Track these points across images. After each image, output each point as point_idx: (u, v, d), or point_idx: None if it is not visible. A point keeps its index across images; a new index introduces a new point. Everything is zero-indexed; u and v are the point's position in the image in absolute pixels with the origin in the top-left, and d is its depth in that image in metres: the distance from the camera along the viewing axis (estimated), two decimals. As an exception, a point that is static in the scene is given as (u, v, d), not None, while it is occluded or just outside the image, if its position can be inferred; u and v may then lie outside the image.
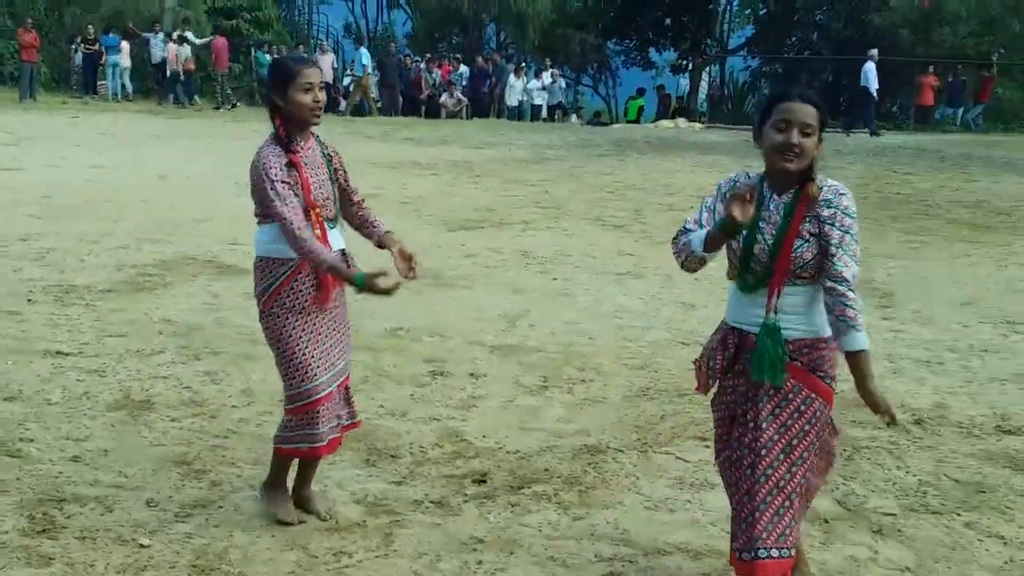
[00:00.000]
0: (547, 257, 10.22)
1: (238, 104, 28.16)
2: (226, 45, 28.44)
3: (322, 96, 4.05)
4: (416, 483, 4.81)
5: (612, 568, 4.07)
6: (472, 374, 6.49)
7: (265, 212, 4.03)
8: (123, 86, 28.32)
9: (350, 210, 4.35)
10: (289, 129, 4.06)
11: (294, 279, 4.06)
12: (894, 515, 4.65)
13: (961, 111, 29.11)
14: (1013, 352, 7.36)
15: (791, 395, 3.50)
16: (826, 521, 4.54)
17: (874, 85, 24.76)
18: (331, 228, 4.14)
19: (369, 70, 28.38)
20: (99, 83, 28.47)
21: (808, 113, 3.32)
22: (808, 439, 3.49)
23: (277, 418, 5.53)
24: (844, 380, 6.47)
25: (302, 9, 43.99)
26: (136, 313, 7.58)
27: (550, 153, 19.43)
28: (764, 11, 38.54)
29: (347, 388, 4.39)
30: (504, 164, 17.51)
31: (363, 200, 4.41)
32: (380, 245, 4.32)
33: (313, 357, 4.11)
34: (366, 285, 3.84)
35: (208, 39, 28.74)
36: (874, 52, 25.33)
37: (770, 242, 3.41)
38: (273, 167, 3.96)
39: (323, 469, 4.71)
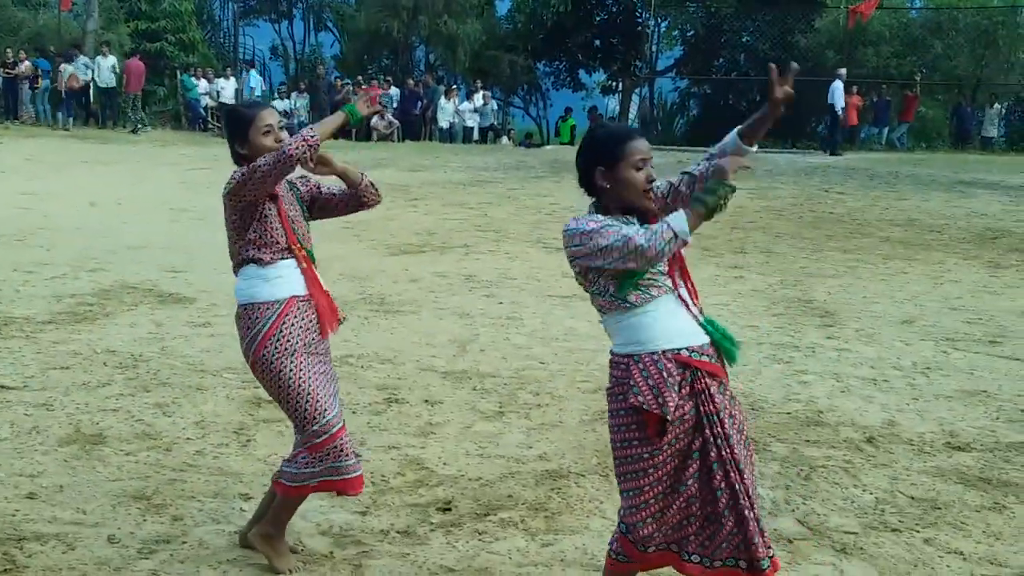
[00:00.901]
0: (492, 281, 10.22)
1: (146, 128, 27.62)
2: (140, 68, 27.98)
3: (283, 136, 4.00)
4: (381, 513, 4.77)
5: (584, 594, 4.08)
6: (427, 401, 6.46)
7: (241, 244, 3.99)
8: (44, 110, 27.91)
9: (344, 199, 4.27)
10: None
11: (281, 323, 3.97)
12: (855, 533, 4.70)
13: (886, 130, 29.72)
14: (955, 369, 7.51)
15: (728, 391, 3.53)
16: (790, 541, 4.58)
17: (840, 104, 25.28)
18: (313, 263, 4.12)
19: (257, 93, 28.01)
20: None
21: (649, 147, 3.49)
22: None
23: (234, 450, 5.52)
24: (796, 401, 6.61)
25: (227, 31, 43.60)
26: (79, 344, 7.44)
27: (486, 175, 19.49)
28: (692, 33, 39.02)
29: None
30: (441, 187, 17.52)
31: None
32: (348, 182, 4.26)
33: (319, 393, 3.99)
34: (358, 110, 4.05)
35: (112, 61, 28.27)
36: (842, 71, 25.91)
37: None
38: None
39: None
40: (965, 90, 32.08)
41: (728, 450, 3.42)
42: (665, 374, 3.36)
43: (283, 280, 4.01)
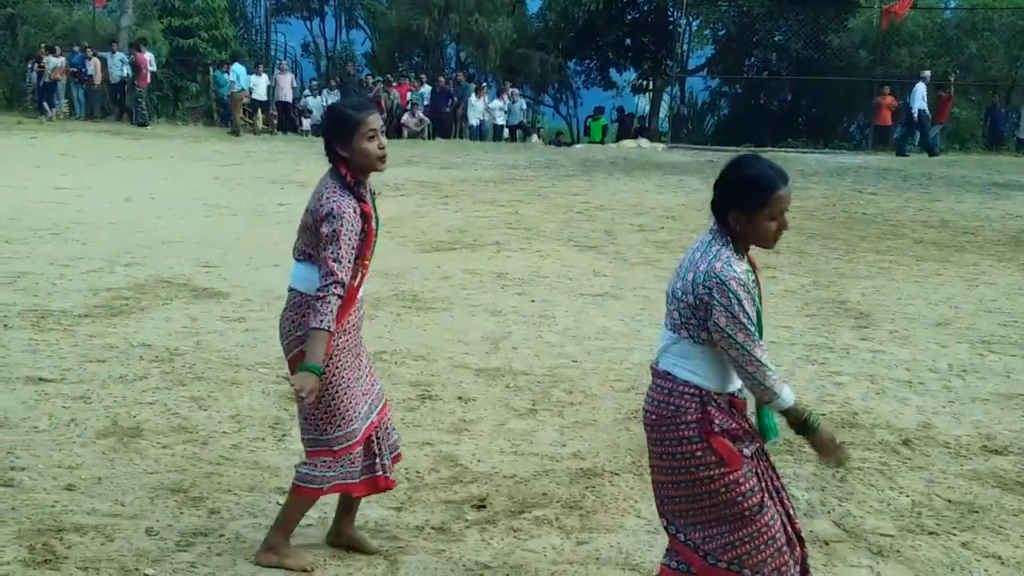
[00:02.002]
0: (523, 278, 10.22)
1: (153, 121, 27.83)
2: (146, 62, 28.03)
3: (385, 141, 3.96)
4: (415, 509, 4.78)
5: (619, 593, 4.08)
6: (460, 398, 6.48)
7: (314, 255, 3.95)
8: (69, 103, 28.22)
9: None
10: (357, 177, 3.94)
11: (346, 320, 3.95)
12: (892, 536, 4.69)
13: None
14: (991, 372, 7.45)
15: None
16: (826, 543, 4.57)
17: (919, 105, 25.21)
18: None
19: (240, 85, 27.85)
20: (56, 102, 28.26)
21: (791, 193, 3.36)
22: None
23: (270, 444, 5.56)
24: (831, 402, 6.57)
25: (260, 28, 43.77)
26: (115, 338, 7.49)
27: (516, 173, 19.47)
28: (723, 32, 38.86)
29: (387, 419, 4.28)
30: (472, 185, 17.53)
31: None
32: None
33: (358, 399, 4.02)
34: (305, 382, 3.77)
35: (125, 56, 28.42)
36: (926, 73, 25.89)
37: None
38: (351, 222, 3.84)
39: (325, 497, 4.68)
40: (1000, 91, 31.77)
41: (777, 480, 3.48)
42: (735, 410, 3.39)
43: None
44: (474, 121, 29.87)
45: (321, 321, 3.77)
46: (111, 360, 6.93)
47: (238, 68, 28.31)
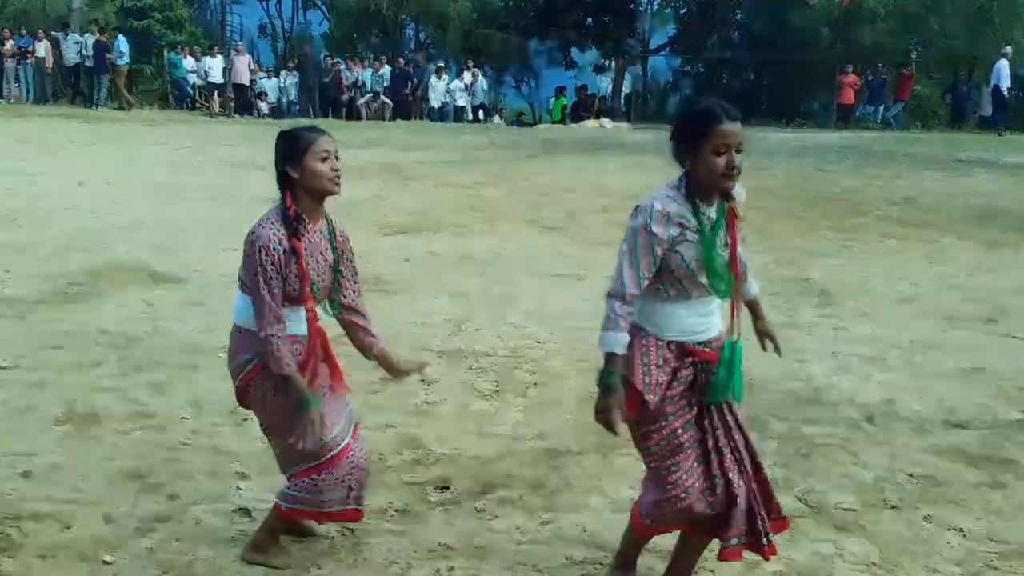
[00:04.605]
0: (486, 260, 10.17)
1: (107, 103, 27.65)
2: None
3: (339, 165, 3.81)
4: (379, 491, 4.73)
5: (584, 571, 4.07)
6: (423, 380, 6.40)
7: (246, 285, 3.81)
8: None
9: (343, 308, 4.06)
10: (301, 206, 3.77)
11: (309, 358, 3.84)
12: (855, 510, 4.70)
13: (881, 109, 29.59)
14: (953, 347, 7.48)
15: None
16: (791, 518, 4.56)
17: (1005, 83, 25.08)
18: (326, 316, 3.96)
19: (126, 58, 27.46)
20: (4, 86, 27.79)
21: (739, 131, 3.40)
22: None
23: (229, 429, 5.49)
24: (794, 379, 6.58)
25: (215, 9, 43.29)
26: (71, 324, 7.39)
27: (479, 155, 19.39)
28: (685, 10, 38.90)
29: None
30: (434, 166, 17.42)
31: (363, 306, 4.15)
32: (370, 357, 4.14)
33: (325, 410, 3.84)
34: (309, 410, 3.74)
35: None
36: (1008, 49, 25.76)
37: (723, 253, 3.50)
38: (271, 251, 3.68)
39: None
40: (961, 69, 31.99)
41: (730, 418, 3.65)
42: (667, 357, 3.50)
43: (288, 321, 3.80)
44: (435, 103, 29.73)
45: (280, 367, 3.71)
46: (67, 346, 6.83)
47: (122, 41, 27.82)
